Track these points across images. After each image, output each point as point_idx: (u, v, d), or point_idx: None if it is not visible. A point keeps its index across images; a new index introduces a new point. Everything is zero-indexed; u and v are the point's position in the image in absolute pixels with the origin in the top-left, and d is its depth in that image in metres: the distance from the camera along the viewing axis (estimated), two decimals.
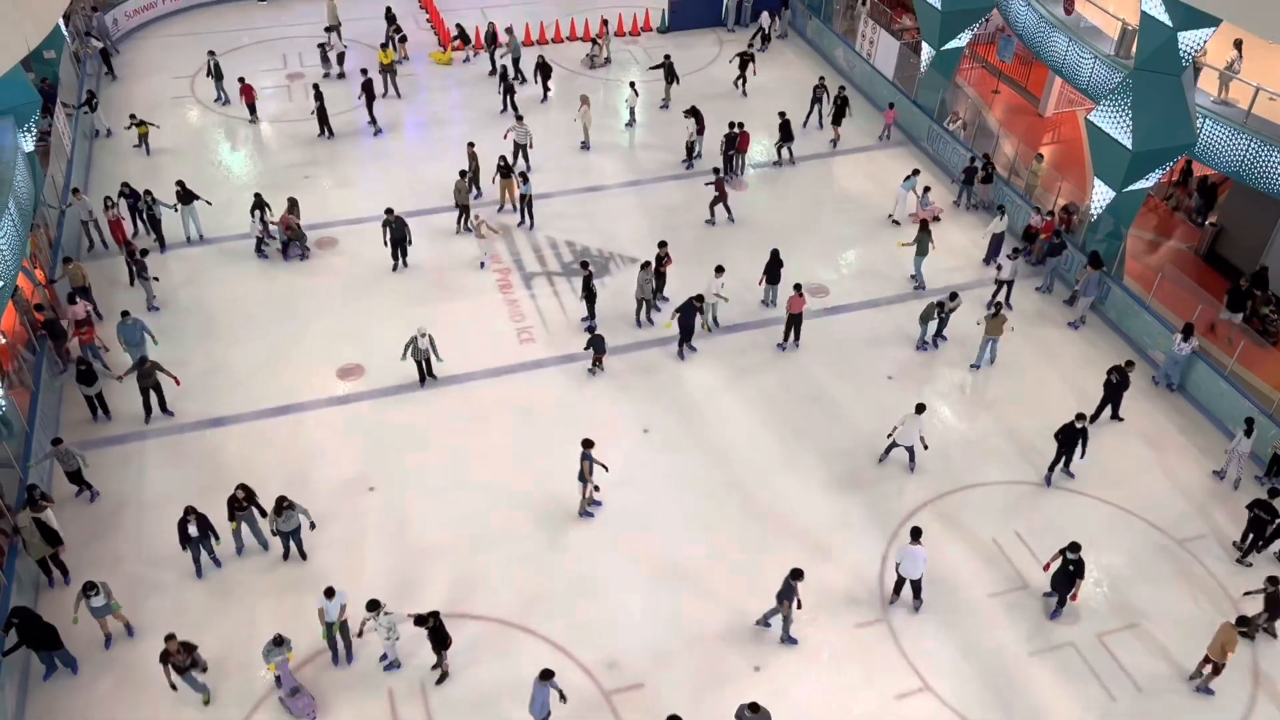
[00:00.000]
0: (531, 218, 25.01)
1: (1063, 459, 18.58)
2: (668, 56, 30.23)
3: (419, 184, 26.33)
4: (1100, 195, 22.84)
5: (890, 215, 25.84)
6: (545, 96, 30.41)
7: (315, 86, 28.27)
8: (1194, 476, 19.25)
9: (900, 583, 16.48)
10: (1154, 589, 17.10)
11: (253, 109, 29.00)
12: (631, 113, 29.51)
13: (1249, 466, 19.15)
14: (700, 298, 20.75)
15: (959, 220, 26.10)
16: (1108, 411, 20.16)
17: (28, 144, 22.25)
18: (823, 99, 28.85)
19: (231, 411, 19.85)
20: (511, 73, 30.85)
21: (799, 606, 15.73)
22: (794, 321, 21.44)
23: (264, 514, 16.79)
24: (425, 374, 20.38)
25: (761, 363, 21.42)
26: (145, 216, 23.78)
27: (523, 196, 24.68)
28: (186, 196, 23.79)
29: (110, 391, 19.64)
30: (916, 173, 25.78)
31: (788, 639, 15.97)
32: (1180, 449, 19.84)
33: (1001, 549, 17.66)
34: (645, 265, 21.61)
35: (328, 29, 31.48)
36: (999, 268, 22.52)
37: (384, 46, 30.51)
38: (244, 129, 28.87)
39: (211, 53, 29.94)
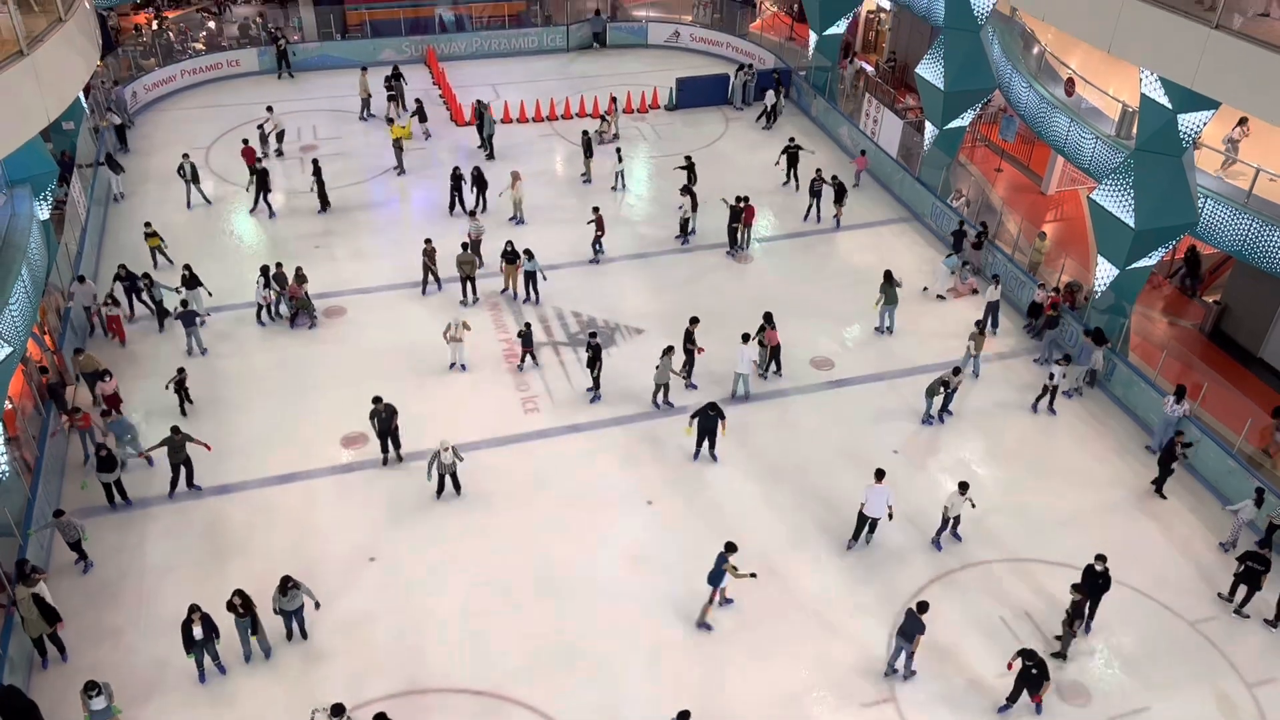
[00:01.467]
0: (536, 294, 25.20)
1: (1087, 605, 17.07)
2: (585, 132, 30.89)
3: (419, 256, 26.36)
4: (1104, 272, 22.99)
5: (925, 288, 26.19)
6: (479, 202, 28.78)
7: (315, 161, 28.75)
8: (1202, 554, 19.05)
9: (861, 523, 18.03)
10: (1164, 672, 16.79)
11: (253, 171, 29.40)
12: (619, 176, 30.36)
13: (1246, 534, 19.10)
14: (716, 406, 20.13)
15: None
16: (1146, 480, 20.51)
17: (43, 212, 22.59)
18: (821, 191, 28.99)
19: (235, 479, 19.80)
20: (486, 149, 31.44)
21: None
22: (773, 354, 22.62)
23: (256, 627, 16.12)
24: (452, 487, 19.45)
25: (765, 435, 21.38)
26: (145, 298, 23.83)
27: (528, 274, 24.88)
28: (192, 282, 23.65)
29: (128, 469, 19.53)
30: (959, 249, 26.29)
31: (909, 673, 16.41)
32: (1188, 525, 19.66)
33: (1009, 627, 17.41)
34: (668, 351, 21.42)
35: (269, 108, 31.72)
36: (1050, 375, 21.90)
37: (390, 120, 31.00)
38: (251, 200, 29.14)
39: (186, 155, 28.71)
